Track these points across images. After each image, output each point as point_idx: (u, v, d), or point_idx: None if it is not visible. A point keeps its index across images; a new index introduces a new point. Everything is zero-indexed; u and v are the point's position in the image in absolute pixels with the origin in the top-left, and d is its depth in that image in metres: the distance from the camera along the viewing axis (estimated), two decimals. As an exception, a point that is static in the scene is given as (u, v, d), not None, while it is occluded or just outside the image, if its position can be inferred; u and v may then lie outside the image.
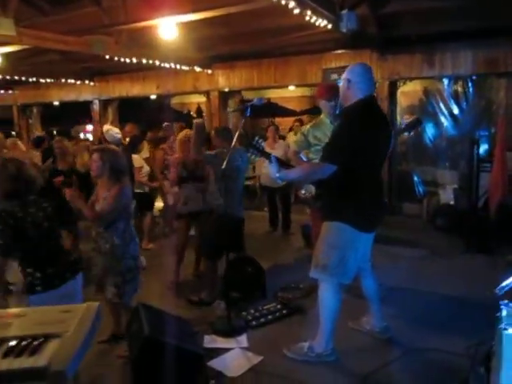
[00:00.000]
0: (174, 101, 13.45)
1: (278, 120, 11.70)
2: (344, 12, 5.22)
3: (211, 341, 3.54)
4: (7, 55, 6.61)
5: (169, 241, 6.22)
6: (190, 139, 4.48)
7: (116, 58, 6.89)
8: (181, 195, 4.81)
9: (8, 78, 9.23)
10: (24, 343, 1.25)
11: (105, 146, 3.96)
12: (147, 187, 6.36)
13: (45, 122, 12.89)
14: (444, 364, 3.16)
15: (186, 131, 4.97)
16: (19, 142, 7.01)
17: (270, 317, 3.93)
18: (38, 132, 11.56)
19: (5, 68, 7.83)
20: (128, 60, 7.04)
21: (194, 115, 12.60)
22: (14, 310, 1.40)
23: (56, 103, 11.87)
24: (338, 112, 4.00)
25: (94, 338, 1.37)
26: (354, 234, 2.97)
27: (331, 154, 2.88)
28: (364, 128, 2.82)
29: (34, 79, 9.77)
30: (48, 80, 9.98)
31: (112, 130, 5.90)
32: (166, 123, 8.84)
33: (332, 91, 3.95)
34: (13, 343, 1.26)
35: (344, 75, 3.01)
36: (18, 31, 5.43)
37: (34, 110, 12.67)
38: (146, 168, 6.40)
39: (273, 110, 10.91)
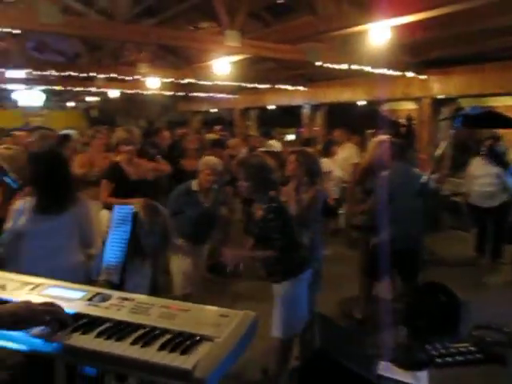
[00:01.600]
0: (386, 108, 13.08)
1: (501, 131, 10.21)
2: None
3: (386, 368, 3.26)
4: (234, 63, 7.36)
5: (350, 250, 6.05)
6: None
7: (328, 65, 6.99)
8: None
9: (236, 84, 10.34)
10: (179, 339, 1.29)
11: (302, 149, 4.07)
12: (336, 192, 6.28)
13: (261, 124, 14.12)
14: None
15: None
16: None
17: (459, 358, 3.40)
18: (253, 133, 12.66)
19: (232, 75, 8.78)
20: (338, 66, 7.07)
21: (404, 123, 12.01)
22: (181, 304, 1.47)
23: (271, 107, 12.84)
24: None
25: (244, 350, 1.34)
26: None
27: None
28: None
29: (257, 85, 10.72)
30: (265, 86, 10.83)
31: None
32: (369, 130, 8.70)
33: None
34: (171, 336, 1.32)
35: None
36: (242, 42, 6.00)
37: (251, 113, 14.03)
38: (337, 173, 6.36)
39: (494, 120, 9.53)
